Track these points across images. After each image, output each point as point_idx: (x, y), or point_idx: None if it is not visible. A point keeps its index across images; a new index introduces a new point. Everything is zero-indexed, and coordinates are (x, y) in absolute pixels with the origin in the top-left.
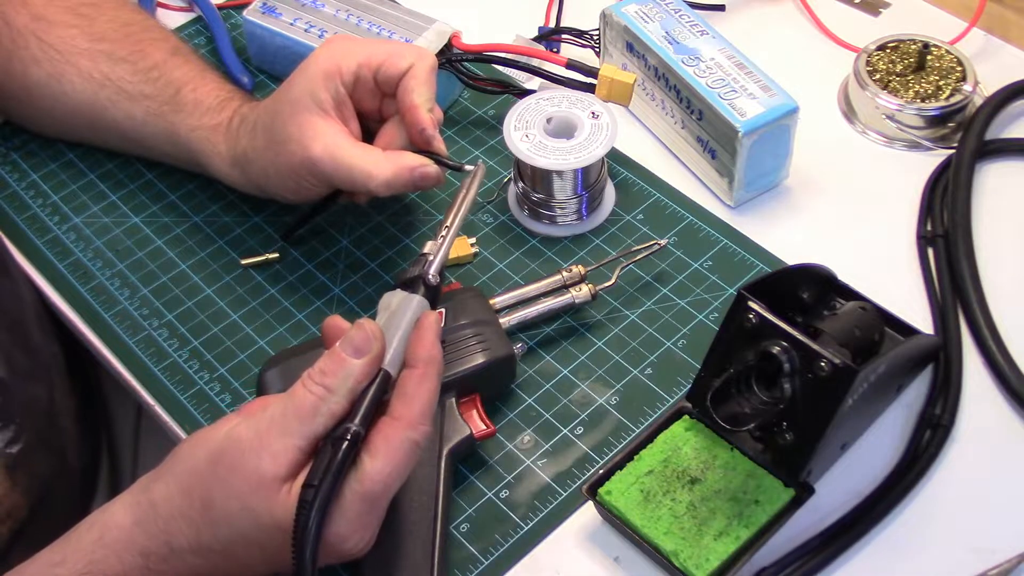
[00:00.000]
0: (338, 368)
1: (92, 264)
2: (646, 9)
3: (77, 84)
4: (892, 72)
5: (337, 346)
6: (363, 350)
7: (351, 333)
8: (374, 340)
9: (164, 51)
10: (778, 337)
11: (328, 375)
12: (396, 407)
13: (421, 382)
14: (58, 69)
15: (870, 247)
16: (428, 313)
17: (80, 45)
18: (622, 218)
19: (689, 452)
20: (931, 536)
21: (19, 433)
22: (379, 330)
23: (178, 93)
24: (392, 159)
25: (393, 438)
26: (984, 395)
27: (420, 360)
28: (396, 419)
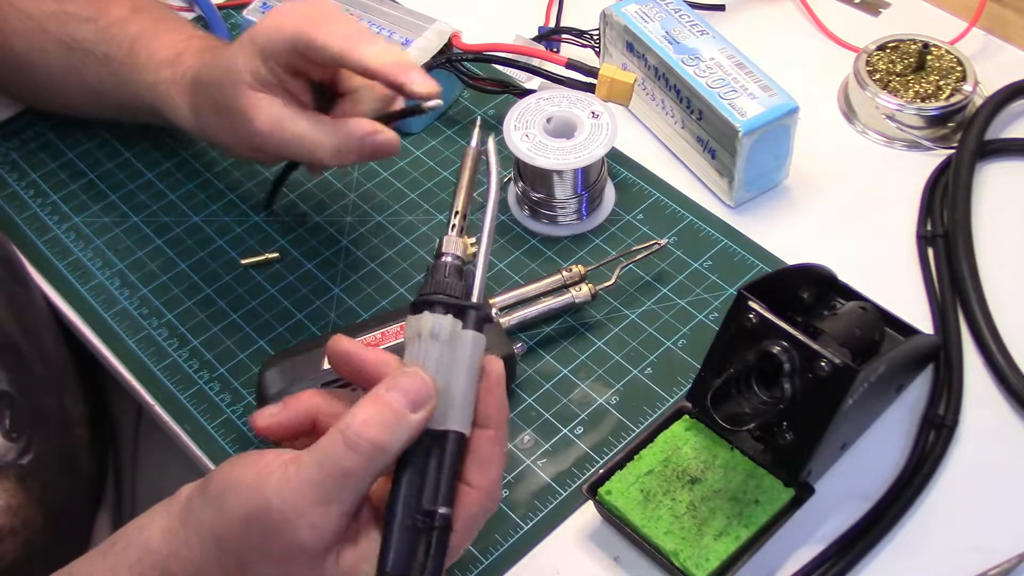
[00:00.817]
0: (390, 421)
1: (92, 264)
2: (646, 9)
3: (54, 52)
4: (892, 72)
5: (385, 393)
6: (420, 403)
7: (402, 381)
8: (433, 394)
9: (126, 7)
10: (778, 337)
11: (376, 428)
12: (472, 474)
13: (495, 444)
14: (36, 40)
15: (870, 247)
16: (494, 360)
17: (48, 8)
18: (622, 218)
19: (689, 452)
20: (932, 536)
21: (30, 444)
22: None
23: (132, 49)
24: (339, 127)
25: (471, 508)
26: (984, 395)
27: (494, 420)
28: (474, 488)
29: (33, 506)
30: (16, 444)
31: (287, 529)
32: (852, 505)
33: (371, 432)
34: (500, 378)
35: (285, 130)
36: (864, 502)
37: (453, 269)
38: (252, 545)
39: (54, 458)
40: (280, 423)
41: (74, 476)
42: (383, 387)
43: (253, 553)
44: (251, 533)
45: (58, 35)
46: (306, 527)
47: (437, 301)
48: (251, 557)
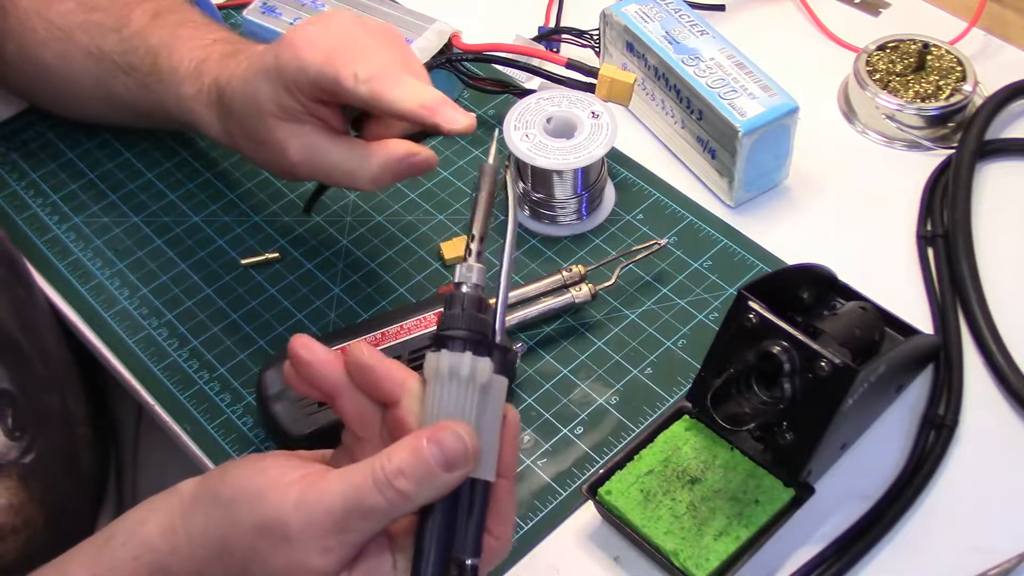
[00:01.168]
0: (422, 475)
1: (92, 264)
2: (646, 9)
3: (81, 62)
4: (892, 72)
5: (425, 445)
6: (456, 464)
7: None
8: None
9: (146, 15)
10: (778, 337)
11: (408, 479)
12: (493, 524)
13: (510, 493)
14: (63, 48)
15: (870, 247)
16: (511, 408)
17: (76, 18)
18: (622, 218)
19: (689, 452)
20: (932, 536)
21: (32, 443)
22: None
23: (156, 61)
24: (377, 152)
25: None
26: (984, 395)
27: (510, 470)
28: (497, 538)
29: (35, 505)
30: (18, 443)
31: (300, 549)
32: (852, 505)
33: (401, 482)
34: (518, 427)
35: (318, 160)
36: (864, 502)
37: (472, 301)
38: (260, 555)
39: (56, 457)
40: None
41: (76, 476)
42: (425, 437)
43: (259, 563)
44: (261, 543)
45: (87, 46)
46: (319, 551)
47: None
48: (256, 567)
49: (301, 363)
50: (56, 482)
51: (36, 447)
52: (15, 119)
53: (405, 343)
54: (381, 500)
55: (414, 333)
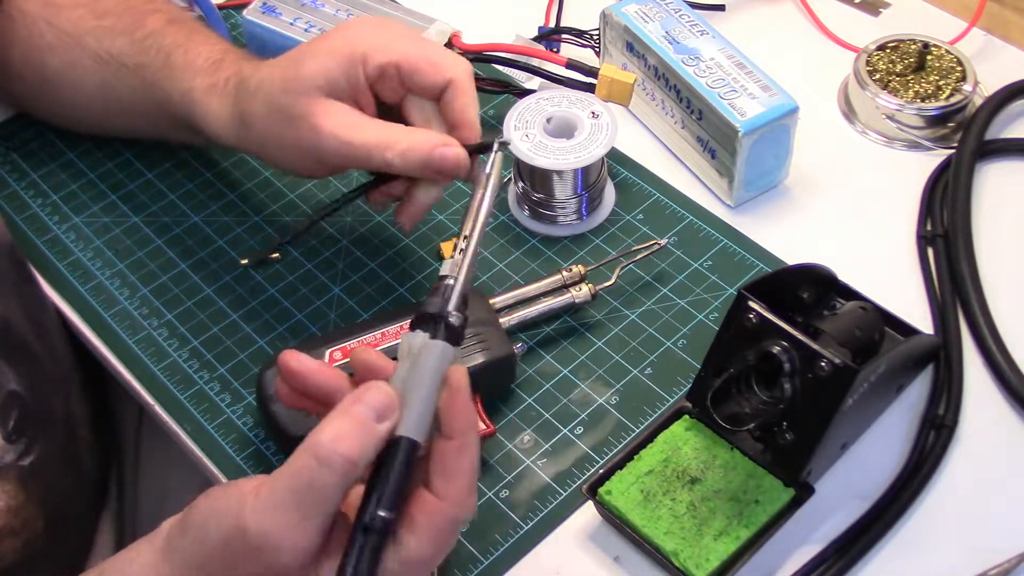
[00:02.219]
0: (359, 433)
1: (92, 264)
2: (646, 9)
3: (89, 67)
4: (892, 72)
5: (352, 407)
6: (386, 414)
7: (368, 395)
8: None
9: (161, 20)
10: (778, 337)
11: (347, 441)
12: (438, 485)
13: (461, 454)
14: (72, 55)
15: (870, 247)
16: (457, 369)
17: (86, 24)
18: (622, 218)
19: (689, 452)
20: (932, 536)
21: (31, 445)
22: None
23: (169, 58)
24: (413, 132)
25: (437, 518)
26: (984, 395)
27: (457, 430)
28: (441, 498)
29: (34, 507)
30: (15, 446)
31: (267, 551)
32: (852, 505)
33: (343, 446)
34: (462, 387)
35: (357, 133)
36: (864, 502)
37: (438, 286)
38: (235, 568)
39: (57, 459)
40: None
41: (76, 477)
42: (349, 401)
43: None
44: (232, 558)
45: (95, 50)
46: (287, 548)
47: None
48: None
49: (292, 373)
50: (56, 484)
51: (35, 449)
52: (15, 119)
53: None
54: (328, 473)
55: None
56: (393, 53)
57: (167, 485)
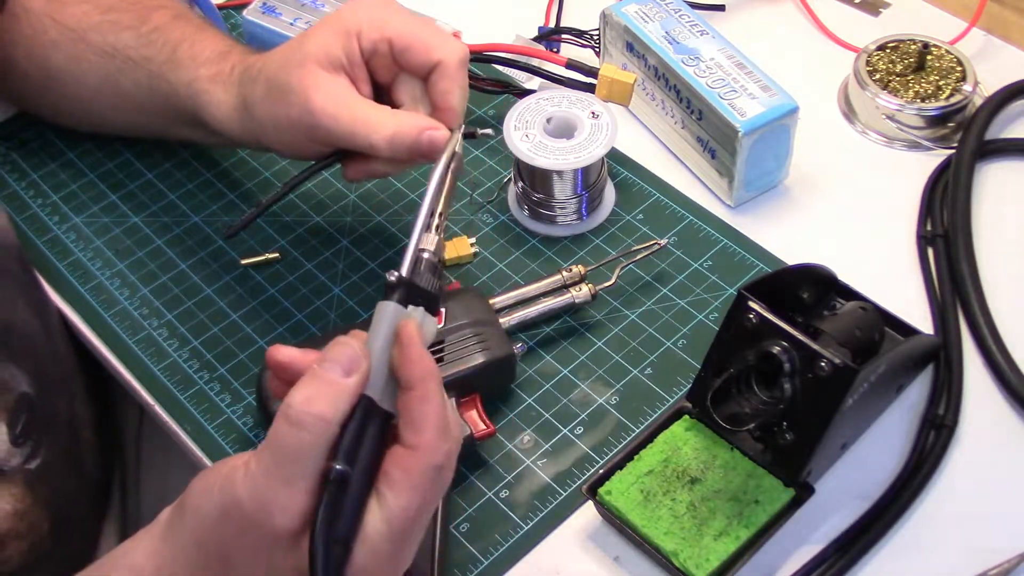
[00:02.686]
0: (327, 391)
1: (92, 264)
2: (646, 9)
3: (93, 62)
4: (892, 72)
5: (319, 368)
6: (351, 368)
7: (332, 351)
8: (362, 356)
9: (167, 16)
10: (778, 337)
11: (316, 401)
12: (407, 436)
13: (423, 403)
14: (76, 50)
15: (870, 247)
16: (405, 324)
17: (92, 19)
18: (622, 218)
19: (689, 452)
20: (932, 536)
21: (37, 448)
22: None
23: (175, 52)
24: (400, 116)
25: (413, 469)
26: (984, 395)
27: (414, 380)
28: (411, 448)
29: (39, 510)
30: (22, 449)
31: (260, 518)
32: (852, 505)
33: (312, 407)
34: (411, 339)
35: (344, 112)
36: (864, 502)
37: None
38: (232, 541)
39: (61, 462)
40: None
41: (80, 480)
42: (316, 364)
43: (234, 549)
44: (229, 530)
45: (99, 44)
46: (277, 511)
47: None
48: (233, 554)
49: (279, 366)
50: (61, 487)
51: (41, 452)
52: (15, 119)
53: None
54: (302, 434)
55: None
56: (387, 29)
57: (168, 485)
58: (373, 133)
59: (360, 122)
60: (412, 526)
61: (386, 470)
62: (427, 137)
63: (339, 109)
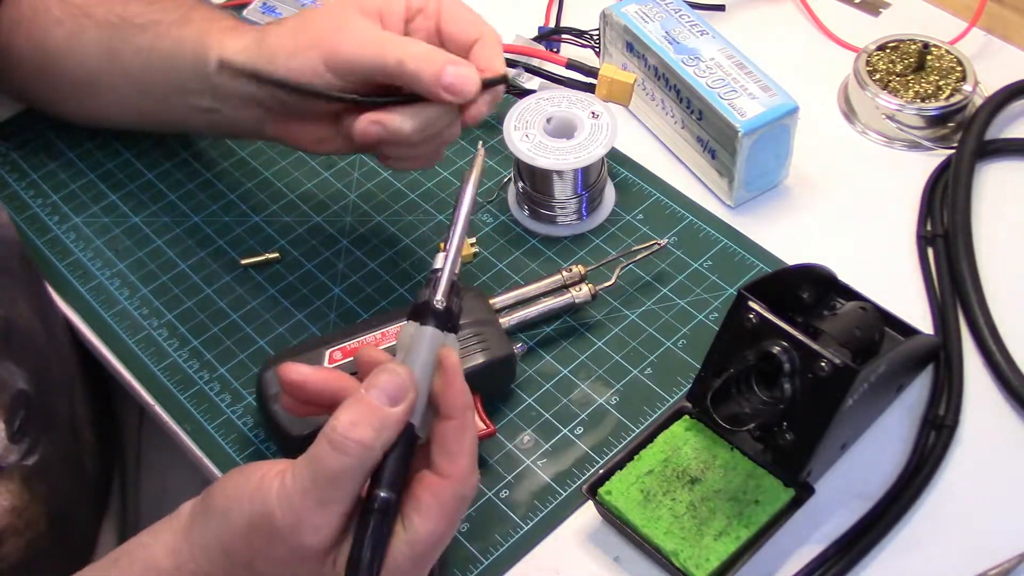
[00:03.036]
0: (372, 419)
1: (92, 264)
2: (646, 9)
3: (94, 36)
4: (892, 72)
5: (365, 393)
6: (398, 397)
7: (380, 378)
8: (410, 386)
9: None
10: (778, 337)
11: (360, 428)
12: (441, 464)
13: (461, 433)
14: (78, 25)
15: (870, 247)
16: (448, 352)
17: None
18: (622, 218)
19: (689, 452)
20: (932, 536)
21: (35, 445)
22: (411, 374)
23: (190, 12)
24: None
25: (444, 497)
26: (984, 395)
27: (455, 409)
28: (444, 477)
29: (37, 507)
30: (19, 446)
31: (291, 534)
32: (852, 505)
33: (356, 432)
34: (455, 368)
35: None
36: (864, 502)
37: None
38: (259, 552)
39: (60, 460)
40: (308, 382)
41: (79, 478)
42: (363, 387)
43: (260, 559)
44: (257, 541)
45: (104, 16)
46: (309, 530)
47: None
48: (259, 563)
49: (294, 385)
50: (60, 485)
51: (39, 449)
52: (15, 119)
53: None
54: (343, 459)
55: None
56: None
57: (168, 485)
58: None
59: (390, 45)
60: (433, 551)
61: (416, 495)
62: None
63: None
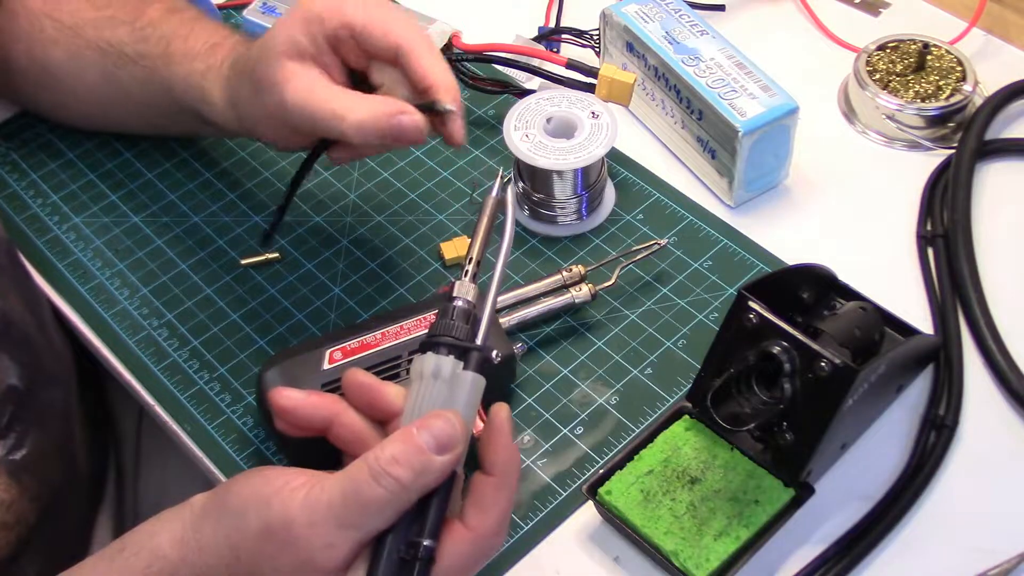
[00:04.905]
0: (416, 462)
1: (92, 264)
2: (646, 9)
3: (91, 57)
4: (892, 72)
5: (416, 433)
6: (448, 447)
7: (436, 424)
8: (461, 439)
9: (161, 10)
10: (778, 337)
11: (403, 467)
12: (472, 516)
13: (499, 491)
14: (73, 46)
15: (870, 247)
16: (500, 406)
17: (87, 15)
18: (622, 218)
19: (689, 452)
20: (932, 536)
21: (23, 439)
22: (465, 427)
23: (169, 46)
24: (369, 102)
25: (465, 550)
26: (984, 395)
27: (498, 467)
28: (471, 529)
29: (27, 502)
30: (5, 440)
31: (305, 546)
32: (852, 505)
33: (396, 470)
34: (504, 424)
35: (313, 100)
36: (864, 502)
37: (461, 313)
38: (268, 558)
39: (51, 455)
40: (299, 408)
41: (71, 474)
42: (416, 426)
43: (267, 566)
44: (268, 546)
45: (95, 40)
46: (323, 547)
47: (442, 343)
48: (264, 570)
49: (286, 411)
50: (50, 480)
51: (27, 443)
52: (15, 119)
53: (405, 343)
54: (380, 490)
55: (414, 333)
56: (344, 15)
57: (168, 485)
58: (342, 120)
59: (329, 110)
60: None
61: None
62: (396, 122)
63: (309, 98)
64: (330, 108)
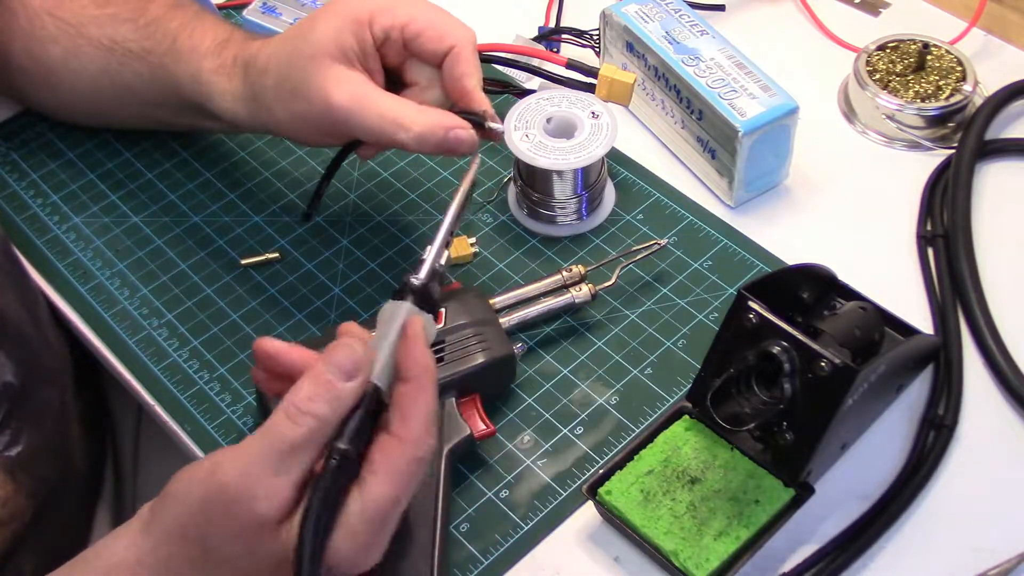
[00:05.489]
0: (327, 394)
1: (92, 264)
2: (646, 9)
3: (92, 55)
4: (892, 72)
5: (321, 368)
6: (352, 372)
7: (336, 354)
8: (364, 361)
9: (164, 6)
10: (778, 337)
11: (316, 401)
12: (396, 426)
13: (416, 396)
14: (74, 44)
15: (870, 247)
16: (413, 320)
17: (89, 13)
18: (622, 218)
19: (689, 452)
20: (932, 536)
21: (18, 435)
22: (366, 348)
23: (175, 42)
24: (428, 114)
25: (396, 457)
26: (984, 395)
27: (411, 373)
28: (396, 437)
29: (22, 498)
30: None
31: (244, 502)
32: (852, 505)
33: (310, 405)
34: (418, 335)
35: (371, 106)
36: (864, 502)
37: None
38: (214, 526)
39: (47, 452)
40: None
41: (67, 471)
42: (320, 362)
43: (216, 535)
44: (212, 514)
45: (97, 37)
46: (262, 498)
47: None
48: (214, 539)
49: (268, 355)
50: (46, 477)
51: (22, 440)
52: (15, 119)
53: None
54: (300, 429)
55: None
56: (399, 16)
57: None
58: (401, 131)
59: (387, 120)
60: (388, 515)
61: (370, 457)
62: (454, 135)
63: (363, 107)
64: (391, 118)
